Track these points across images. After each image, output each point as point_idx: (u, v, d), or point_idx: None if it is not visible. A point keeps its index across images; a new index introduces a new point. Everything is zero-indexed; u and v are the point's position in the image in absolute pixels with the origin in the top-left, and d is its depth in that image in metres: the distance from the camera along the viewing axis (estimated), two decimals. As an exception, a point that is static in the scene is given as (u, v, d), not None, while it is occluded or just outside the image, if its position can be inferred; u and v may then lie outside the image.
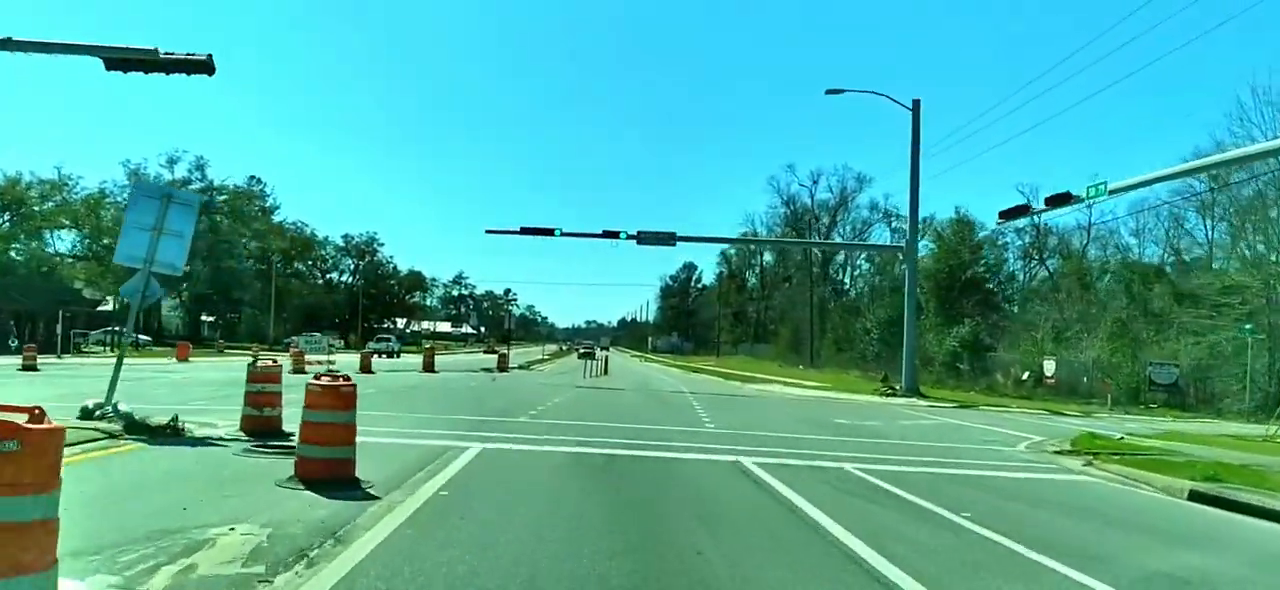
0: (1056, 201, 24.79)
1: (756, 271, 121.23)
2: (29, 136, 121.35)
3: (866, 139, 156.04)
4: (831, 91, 40.86)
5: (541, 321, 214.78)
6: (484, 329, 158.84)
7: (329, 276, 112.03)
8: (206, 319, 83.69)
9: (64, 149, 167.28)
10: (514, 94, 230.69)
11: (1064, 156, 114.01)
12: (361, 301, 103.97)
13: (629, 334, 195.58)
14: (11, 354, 36.83)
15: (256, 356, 22.83)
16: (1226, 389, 41.12)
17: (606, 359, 63.06)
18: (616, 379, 42.94)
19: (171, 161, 74.36)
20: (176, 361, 39.32)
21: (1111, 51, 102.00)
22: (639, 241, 40.68)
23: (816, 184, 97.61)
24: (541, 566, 6.00)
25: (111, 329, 53.37)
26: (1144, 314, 51.57)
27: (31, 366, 28.61)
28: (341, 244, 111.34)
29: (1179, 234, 58.67)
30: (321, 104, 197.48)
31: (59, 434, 3.91)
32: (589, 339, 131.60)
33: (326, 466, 8.56)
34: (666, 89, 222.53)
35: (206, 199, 76.83)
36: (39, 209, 63.60)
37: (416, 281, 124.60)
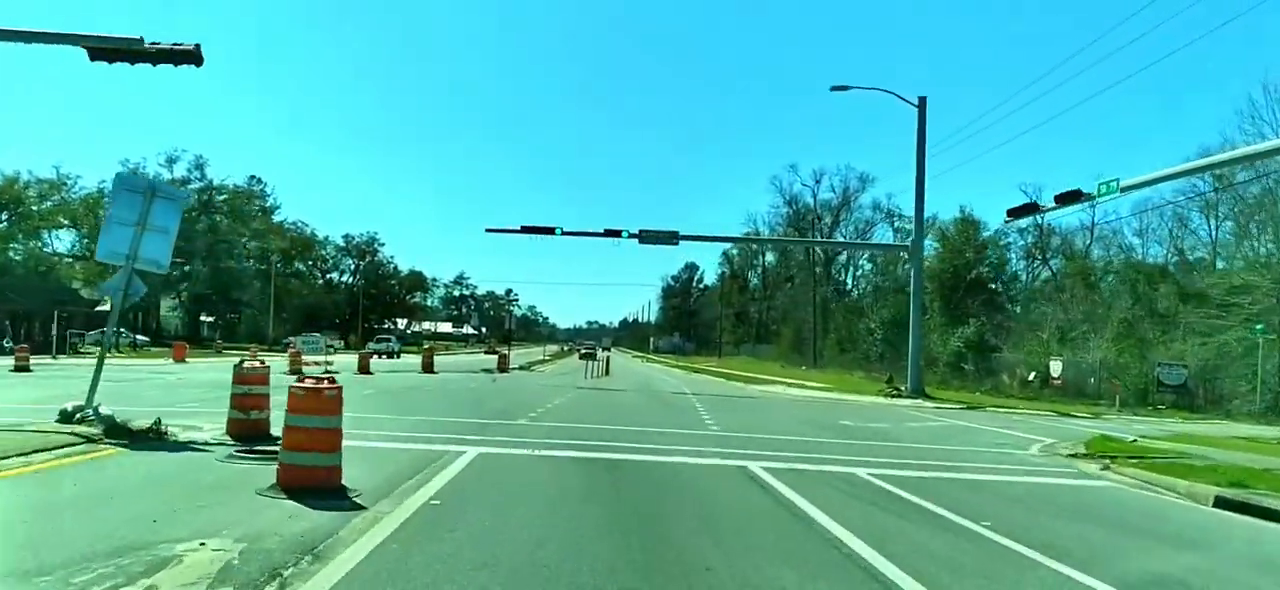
0: (1066, 199, 24.25)
1: (759, 271, 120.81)
2: (28, 136, 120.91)
3: (869, 139, 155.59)
4: (837, 88, 40.26)
5: (543, 322, 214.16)
6: (485, 329, 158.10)
7: (329, 277, 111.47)
8: (206, 319, 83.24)
9: (63, 148, 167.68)
10: (515, 93, 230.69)
11: (1067, 156, 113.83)
12: (362, 302, 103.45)
13: (630, 334, 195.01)
14: (5, 355, 36.37)
15: (243, 359, 22.39)
16: (1235, 390, 40.55)
17: (608, 360, 62.45)
18: (618, 380, 42.42)
19: (170, 161, 73.89)
20: (173, 362, 38.87)
21: (1115, 51, 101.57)
22: (641, 240, 40.18)
23: (819, 183, 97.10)
24: (537, 588, 5.57)
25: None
26: (1149, 314, 50.99)
27: (24, 367, 28.12)
28: (342, 244, 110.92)
29: (1183, 234, 58.26)
30: (321, 104, 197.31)
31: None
32: (590, 339, 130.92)
33: (310, 474, 8.06)
34: (668, 88, 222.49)
35: (206, 198, 76.64)
36: (37, 208, 63.15)
37: (417, 282, 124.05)
